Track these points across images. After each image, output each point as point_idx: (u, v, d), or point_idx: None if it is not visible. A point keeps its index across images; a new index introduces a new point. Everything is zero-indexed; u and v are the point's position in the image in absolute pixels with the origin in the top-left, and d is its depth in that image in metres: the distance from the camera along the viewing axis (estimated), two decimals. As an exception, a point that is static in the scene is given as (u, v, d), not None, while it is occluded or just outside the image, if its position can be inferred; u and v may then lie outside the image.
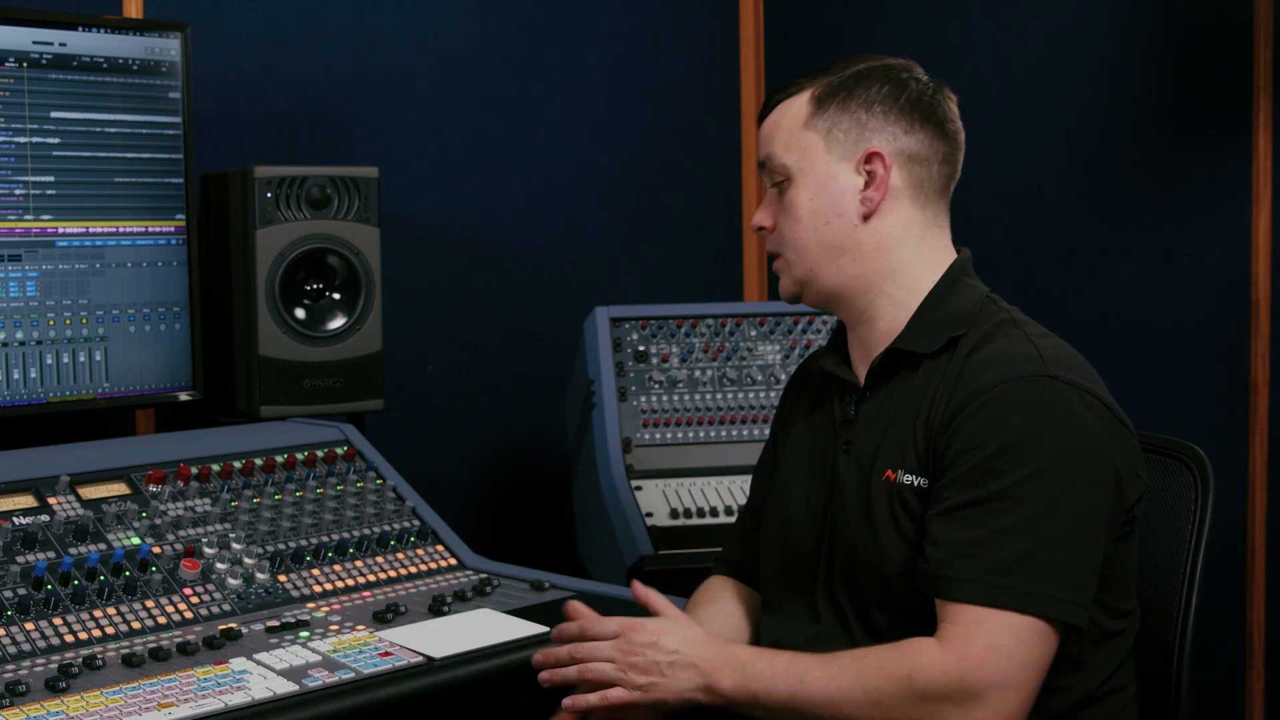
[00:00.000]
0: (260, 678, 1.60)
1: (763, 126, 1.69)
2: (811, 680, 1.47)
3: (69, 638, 1.70)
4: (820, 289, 1.65)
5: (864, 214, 1.61)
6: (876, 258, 1.62)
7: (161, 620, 1.78)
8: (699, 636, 1.57)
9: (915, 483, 1.53)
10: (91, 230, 2.35)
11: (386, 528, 2.09)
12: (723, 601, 1.81)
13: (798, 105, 1.65)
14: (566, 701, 1.58)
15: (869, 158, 1.61)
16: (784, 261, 1.67)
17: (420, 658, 1.68)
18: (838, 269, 1.63)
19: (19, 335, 2.29)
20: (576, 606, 1.65)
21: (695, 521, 2.53)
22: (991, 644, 1.41)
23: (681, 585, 1.90)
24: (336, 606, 1.90)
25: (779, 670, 1.50)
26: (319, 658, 1.67)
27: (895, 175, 1.61)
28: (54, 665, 1.63)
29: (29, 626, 1.69)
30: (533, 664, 1.62)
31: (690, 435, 2.68)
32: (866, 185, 1.61)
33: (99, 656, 1.64)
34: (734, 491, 2.61)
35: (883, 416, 1.60)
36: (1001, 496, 1.44)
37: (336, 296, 2.50)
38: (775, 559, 1.73)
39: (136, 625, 1.75)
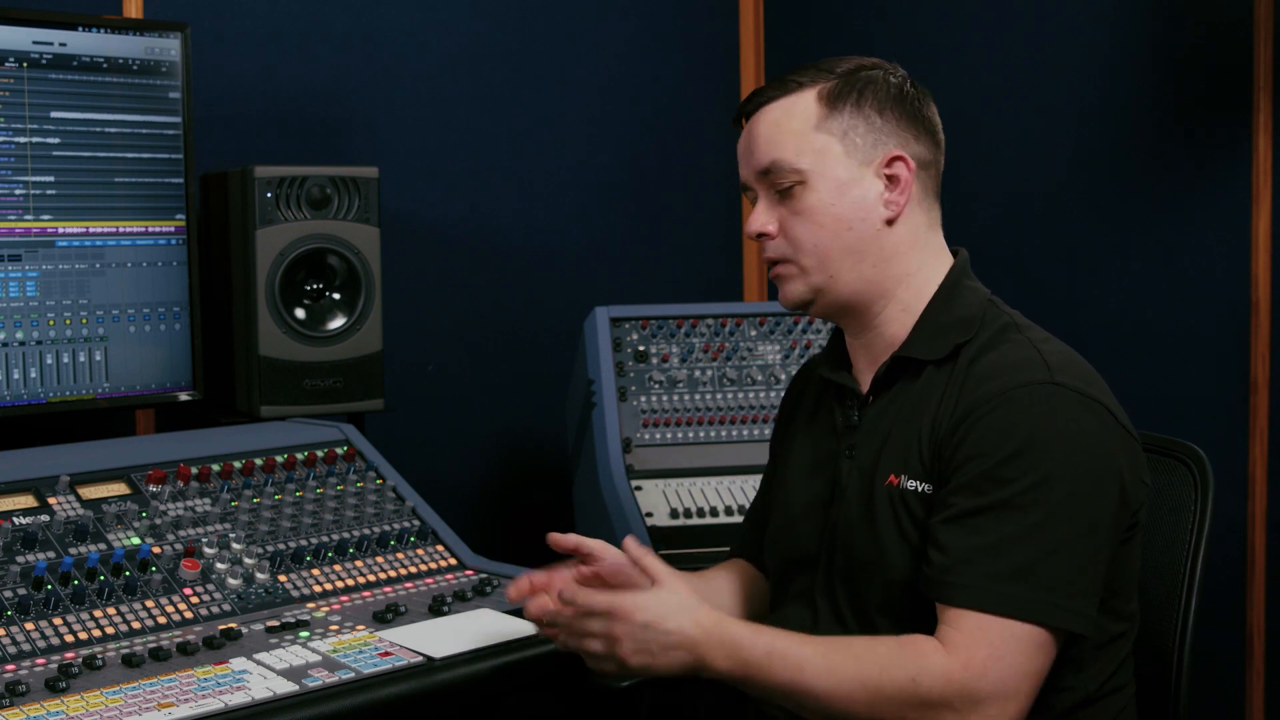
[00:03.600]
0: (260, 678, 1.59)
1: (756, 129, 1.63)
2: (811, 672, 1.45)
3: (69, 638, 1.70)
4: (836, 296, 1.61)
5: (888, 218, 1.59)
6: (894, 263, 1.60)
7: (161, 620, 1.78)
8: (695, 615, 1.51)
9: (919, 488, 1.53)
10: (91, 230, 2.35)
11: (386, 528, 2.09)
12: (718, 573, 1.85)
13: (803, 106, 1.60)
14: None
15: (891, 161, 1.59)
16: (794, 268, 1.61)
17: (420, 658, 1.68)
18: (858, 275, 1.59)
19: (19, 335, 2.28)
20: (567, 542, 1.68)
21: (695, 521, 2.53)
22: (994, 653, 1.41)
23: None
24: (336, 606, 1.90)
25: (775, 657, 1.47)
26: (319, 658, 1.67)
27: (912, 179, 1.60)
28: (54, 665, 1.63)
29: (29, 626, 1.69)
30: (508, 597, 1.67)
31: (690, 435, 2.67)
32: (887, 189, 1.59)
33: (99, 656, 1.64)
34: (734, 491, 2.61)
35: (885, 422, 1.60)
36: (1007, 504, 1.44)
37: (336, 296, 2.50)
38: (778, 562, 1.74)
39: (136, 625, 1.75)
